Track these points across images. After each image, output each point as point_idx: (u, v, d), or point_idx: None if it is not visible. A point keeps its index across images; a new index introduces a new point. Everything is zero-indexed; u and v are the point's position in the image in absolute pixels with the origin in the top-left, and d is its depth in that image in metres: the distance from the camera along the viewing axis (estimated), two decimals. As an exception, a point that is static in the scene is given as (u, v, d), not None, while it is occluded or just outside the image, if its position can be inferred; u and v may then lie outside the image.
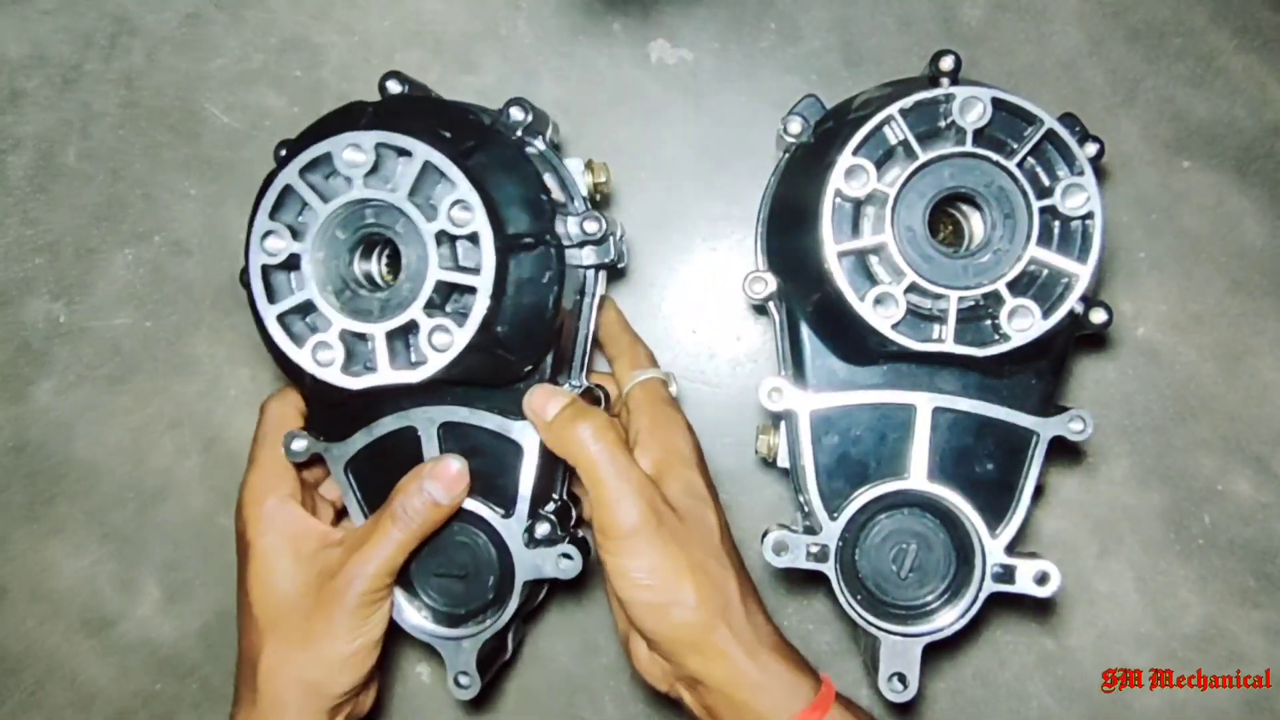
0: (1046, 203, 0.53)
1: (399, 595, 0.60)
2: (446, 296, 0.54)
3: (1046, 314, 0.53)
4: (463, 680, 0.60)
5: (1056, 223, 0.54)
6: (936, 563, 0.59)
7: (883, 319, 0.53)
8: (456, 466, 0.57)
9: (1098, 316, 0.56)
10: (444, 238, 0.53)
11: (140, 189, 0.77)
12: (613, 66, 0.75)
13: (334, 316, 0.53)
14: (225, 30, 0.78)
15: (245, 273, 0.55)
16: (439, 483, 0.57)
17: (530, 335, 0.58)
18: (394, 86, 0.62)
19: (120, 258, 0.77)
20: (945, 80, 0.56)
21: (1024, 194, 0.53)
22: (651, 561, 0.53)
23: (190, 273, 0.77)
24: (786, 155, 0.63)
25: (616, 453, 0.55)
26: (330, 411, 0.60)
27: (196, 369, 0.77)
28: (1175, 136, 0.73)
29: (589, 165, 0.64)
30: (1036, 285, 0.54)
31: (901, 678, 0.58)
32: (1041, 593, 0.57)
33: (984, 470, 0.58)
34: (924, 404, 0.58)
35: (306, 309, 0.54)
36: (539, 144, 0.63)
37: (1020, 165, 0.53)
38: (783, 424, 0.61)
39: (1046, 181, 0.54)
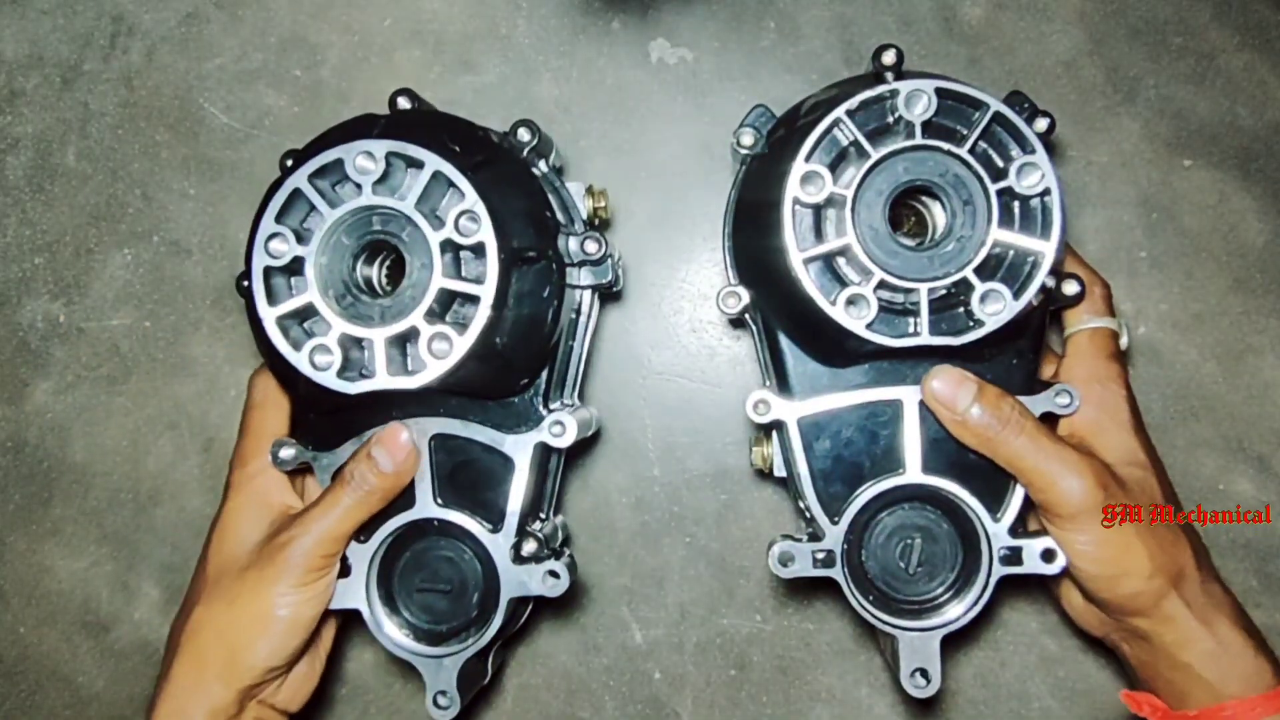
0: (1002, 185, 0.53)
1: (380, 613, 0.59)
2: (447, 306, 0.55)
3: (1017, 294, 0.53)
4: (441, 701, 0.59)
5: (1016, 203, 0.54)
6: (944, 554, 0.59)
7: (856, 320, 0.53)
8: (404, 435, 0.57)
9: (1070, 289, 0.57)
10: (449, 247, 0.53)
11: (139, 189, 0.77)
12: (613, 66, 0.75)
13: (334, 320, 0.53)
14: (224, 29, 0.77)
15: (243, 278, 0.55)
16: (385, 449, 0.57)
17: (529, 348, 0.58)
18: (404, 103, 0.62)
19: (119, 258, 0.77)
20: (890, 75, 0.56)
21: (979, 179, 0.53)
22: (1100, 535, 0.54)
23: (189, 272, 0.77)
24: (743, 168, 0.64)
25: (1040, 437, 0.55)
26: (321, 420, 0.60)
27: (195, 369, 0.77)
28: (1176, 135, 0.73)
29: (590, 190, 0.65)
30: (1005, 267, 0.54)
31: (924, 673, 0.58)
32: (1050, 569, 0.57)
33: (978, 455, 0.58)
34: (909, 397, 0.58)
35: (306, 313, 0.55)
36: (542, 166, 0.64)
37: (973, 150, 0.54)
38: (774, 434, 0.61)
39: (1001, 164, 0.54)
